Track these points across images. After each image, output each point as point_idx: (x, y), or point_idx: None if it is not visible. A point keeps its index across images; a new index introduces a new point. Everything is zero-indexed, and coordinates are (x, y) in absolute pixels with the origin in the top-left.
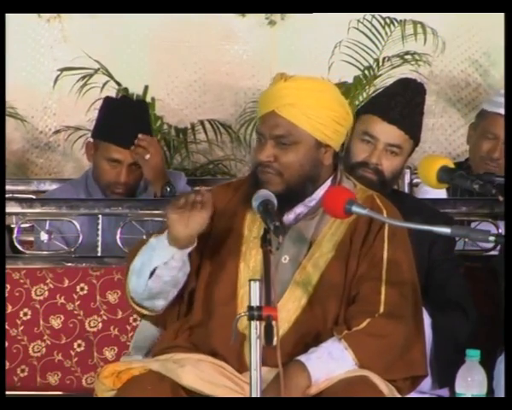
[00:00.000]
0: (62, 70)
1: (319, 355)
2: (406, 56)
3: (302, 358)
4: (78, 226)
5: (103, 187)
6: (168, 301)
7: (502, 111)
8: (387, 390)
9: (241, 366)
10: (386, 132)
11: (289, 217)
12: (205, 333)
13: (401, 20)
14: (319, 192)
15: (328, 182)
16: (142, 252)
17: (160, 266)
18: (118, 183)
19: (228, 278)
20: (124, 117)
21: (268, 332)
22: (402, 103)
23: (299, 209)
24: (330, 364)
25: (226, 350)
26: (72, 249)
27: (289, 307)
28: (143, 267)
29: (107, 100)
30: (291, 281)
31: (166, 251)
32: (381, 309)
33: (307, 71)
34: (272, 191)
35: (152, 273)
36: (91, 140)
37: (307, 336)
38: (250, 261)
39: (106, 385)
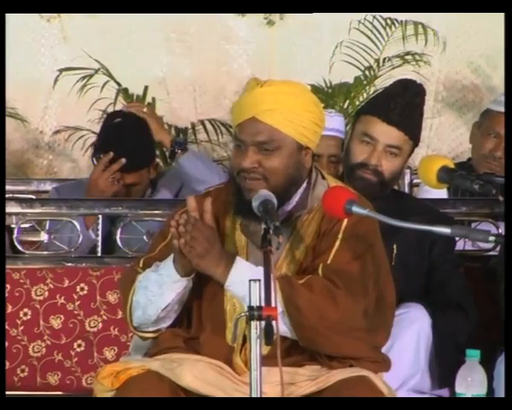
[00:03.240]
0: (62, 70)
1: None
2: (407, 57)
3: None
4: (78, 226)
5: None
6: (173, 318)
7: None
8: (387, 390)
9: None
10: (386, 133)
11: None
12: (197, 343)
13: (402, 21)
14: (296, 196)
15: (304, 184)
16: (141, 287)
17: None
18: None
19: (213, 293)
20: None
21: (268, 332)
22: (401, 104)
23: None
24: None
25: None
26: (72, 249)
27: None
28: (150, 304)
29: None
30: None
31: (179, 283)
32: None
33: (307, 71)
34: None
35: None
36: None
37: None
38: None
39: (104, 386)
